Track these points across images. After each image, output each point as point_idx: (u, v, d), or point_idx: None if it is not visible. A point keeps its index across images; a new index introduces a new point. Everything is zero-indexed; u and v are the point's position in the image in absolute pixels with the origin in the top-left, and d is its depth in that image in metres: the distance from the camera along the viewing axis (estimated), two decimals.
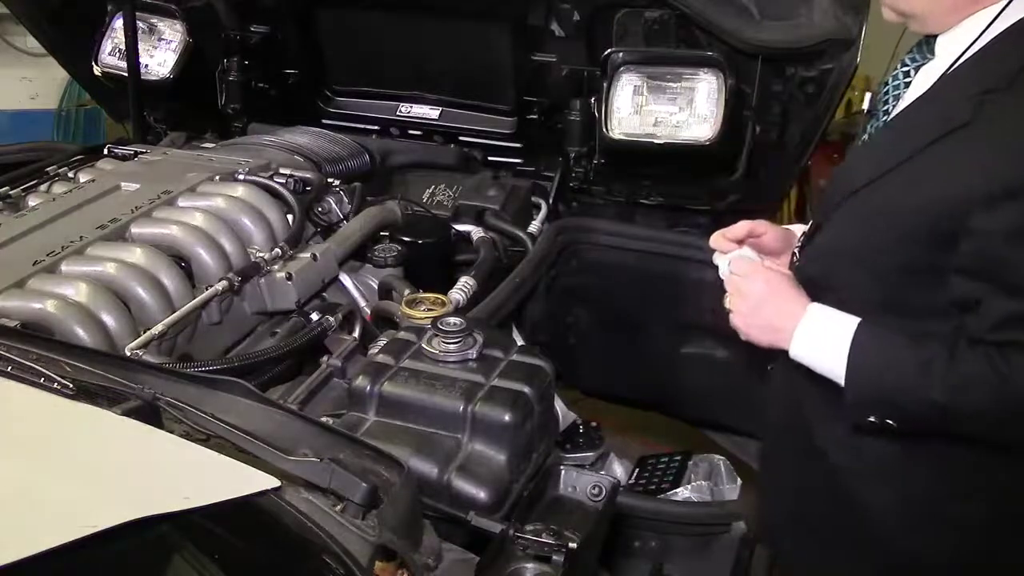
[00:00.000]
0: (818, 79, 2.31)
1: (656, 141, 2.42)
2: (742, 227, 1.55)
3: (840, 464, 1.46)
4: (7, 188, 2.19)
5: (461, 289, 2.07)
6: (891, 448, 1.39)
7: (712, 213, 2.67)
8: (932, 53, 1.38)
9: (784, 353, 1.41)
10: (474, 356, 1.48)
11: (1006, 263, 1.22)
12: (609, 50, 2.41)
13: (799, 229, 1.58)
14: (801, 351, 1.38)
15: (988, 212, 1.21)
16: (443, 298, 1.93)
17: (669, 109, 2.42)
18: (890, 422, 1.32)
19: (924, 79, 1.38)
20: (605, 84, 2.41)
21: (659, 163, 2.55)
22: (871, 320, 1.34)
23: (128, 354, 1.55)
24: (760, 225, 1.57)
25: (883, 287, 1.35)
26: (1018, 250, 1.21)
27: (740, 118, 2.40)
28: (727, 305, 1.46)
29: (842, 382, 1.34)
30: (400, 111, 2.88)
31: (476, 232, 2.41)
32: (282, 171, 2.22)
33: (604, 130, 2.43)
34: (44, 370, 1.15)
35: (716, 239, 1.55)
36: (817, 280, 1.43)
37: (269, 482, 1.02)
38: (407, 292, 1.98)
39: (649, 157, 2.50)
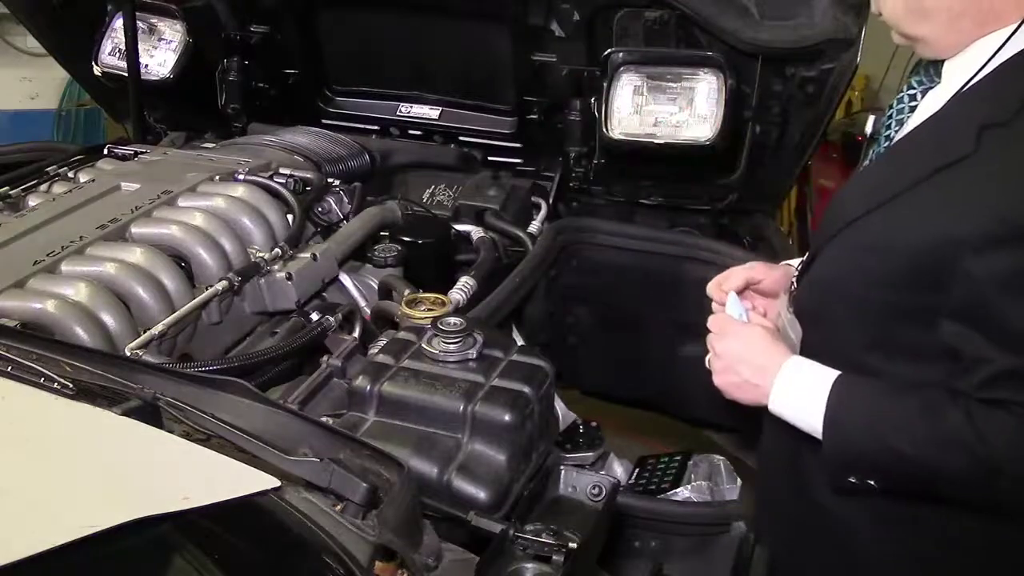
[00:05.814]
0: (818, 79, 2.31)
1: (656, 141, 2.42)
2: (738, 277, 1.50)
3: (821, 490, 1.39)
4: (7, 188, 2.19)
5: (461, 289, 2.07)
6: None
7: (712, 213, 2.67)
8: (939, 76, 1.31)
9: None
10: (474, 356, 1.48)
11: (1001, 314, 1.13)
12: (609, 50, 2.41)
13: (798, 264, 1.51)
14: (779, 407, 1.34)
15: (984, 255, 1.13)
16: (443, 298, 1.93)
17: (669, 109, 2.42)
18: (871, 483, 1.26)
19: (931, 104, 1.30)
20: (605, 84, 2.41)
21: (659, 163, 2.55)
22: (851, 371, 1.28)
23: (128, 354, 1.55)
24: (758, 271, 1.52)
25: (871, 325, 1.29)
26: (1014, 300, 1.12)
27: (740, 118, 2.40)
28: (707, 365, 1.43)
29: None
30: (400, 111, 2.87)
31: (476, 232, 2.41)
32: (282, 171, 2.22)
33: (604, 130, 2.43)
34: (44, 370, 1.14)
35: (712, 288, 1.50)
36: (809, 312, 1.38)
37: (269, 482, 1.02)
38: (407, 292, 1.98)
39: (649, 157, 2.50)
